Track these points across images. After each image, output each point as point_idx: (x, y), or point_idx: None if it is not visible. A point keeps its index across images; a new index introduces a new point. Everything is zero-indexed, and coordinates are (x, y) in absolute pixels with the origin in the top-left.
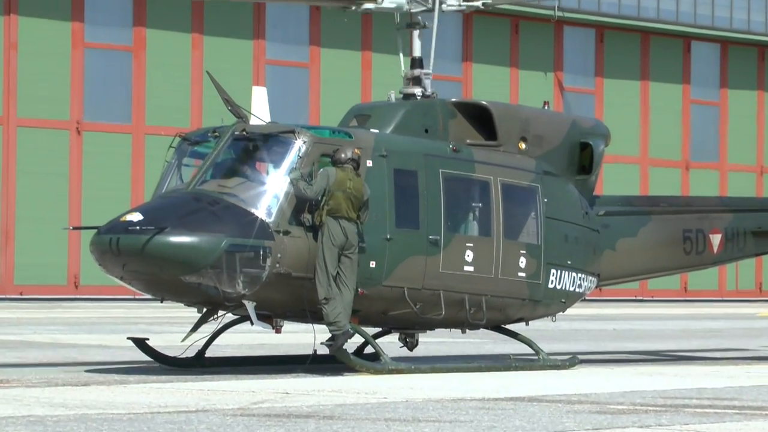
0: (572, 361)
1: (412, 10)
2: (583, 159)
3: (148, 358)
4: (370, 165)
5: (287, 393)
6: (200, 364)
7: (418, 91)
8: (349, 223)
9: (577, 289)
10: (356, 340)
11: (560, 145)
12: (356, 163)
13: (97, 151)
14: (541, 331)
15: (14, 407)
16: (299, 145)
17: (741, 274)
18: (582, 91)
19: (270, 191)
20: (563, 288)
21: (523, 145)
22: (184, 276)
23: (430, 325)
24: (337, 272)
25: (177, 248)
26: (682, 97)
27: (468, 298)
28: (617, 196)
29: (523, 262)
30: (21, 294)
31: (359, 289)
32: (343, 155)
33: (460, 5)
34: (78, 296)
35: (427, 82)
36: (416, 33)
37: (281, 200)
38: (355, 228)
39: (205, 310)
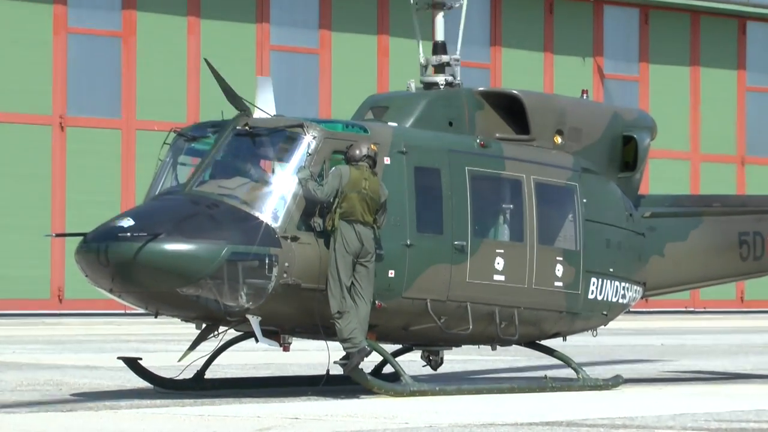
0: (616, 380)
1: None
2: (626, 154)
3: (141, 380)
4: (388, 162)
5: (297, 418)
6: (199, 387)
7: (441, 79)
8: (365, 227)
9: (620, 300)
10: (374, 358)
11: (600, 139)
12: (372, 160)
13: (82, 149)
14: (580, 347)
15: None
16: (308, 141)
17: None
18: (624, 79)
19: (276, 192)
20: (605, 299)
21: (558, 140)
22: (180, 288)
23: (456, 342)
24: (352, 283)
25: (173, 257)
26: (737, 85)
27: (498, 311)
28: (665, 195)
29: (559, 270)
30: None
31: (377, 302)
32: (357, 152)
33: None
34: (62, 311)
35: (457, 69)
36: (439, 14)
37: (289, 202)
38: (372, 233)
39: (204, 326)
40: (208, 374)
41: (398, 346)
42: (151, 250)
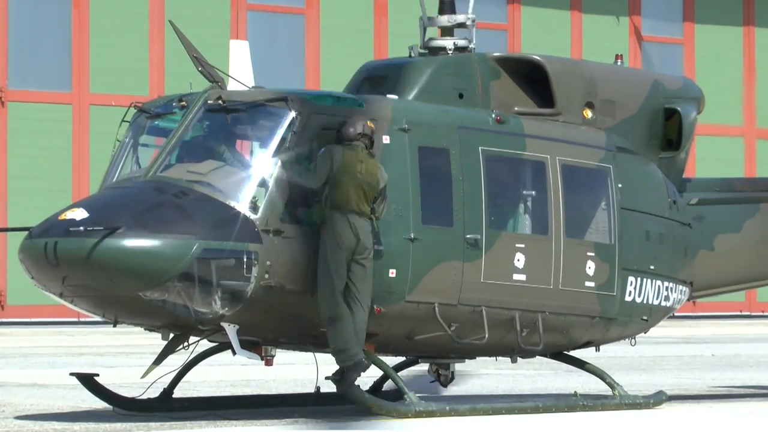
0: (658, 397)
1: None
2: (668, 130)
3: (98, 400)
4: (387, 142)
5: None
6: (167, 407)
7: (449, 43)
8: (361, 218)
9: (662, 303)
10: (372, 373)
11: (638, 113)
12: (369, 139)
13: (26, 127)
14: (616, 358)
15: None
16: (293, 117)
17: None
18: (666, 41)
19: (255, 178)
20: (645, 301)
21: (588, 114)
22: (143, 291)
23: (469, 353)
24: (346, 285)
25: (133, 255)
26: None
27: (519, 317)
28: (715, 178)
29: (591, 267)
30: None
31: (375, 307)
32: (351, 129)
33: None
34: (4, 319)
35: (473, 31)
36: None
37: (270, 190)
38: (369, 225)
39: (171, 336)
40: (177, 393)
41: (401, 359)
42: (108, 247)
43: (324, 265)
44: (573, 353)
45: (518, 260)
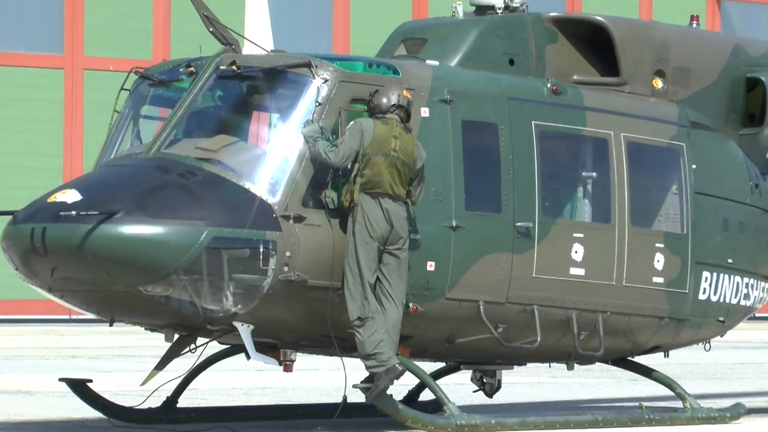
0: (735, 410)
1: None
2: (750, 103)
3: (91, 410)
4: (426, 115)
5: None
6: (170, 419)
7: (499, 1)
8: (395, 203)
9: (742, 302)
10: (407, 380)
11: (716, 83)
12: (405, 111)
13: (10, 95)
14: (688, 365)
15: None
16: (318, 86)
17: None
18: (749, 1)
19: (274, 156)
20: (721, 299)
21: (659, 83)
22: (143, 286)
23: (518, 358)
24: (377, 279)
25: (133, 244)
26: None
27: (576, 317)
28: None
29: (659, 261)
30: None
31: (411, 305)
32: (384, 100)
33: None
34: None
35: None
36: None
37: (291, 169)
38: (405, 211)
39: (177, 337)
40: (182, 402)
41: (441, 365)
42: (104, 234)
43: (352, 256)
44: (638, 359)
45: (576, 252)
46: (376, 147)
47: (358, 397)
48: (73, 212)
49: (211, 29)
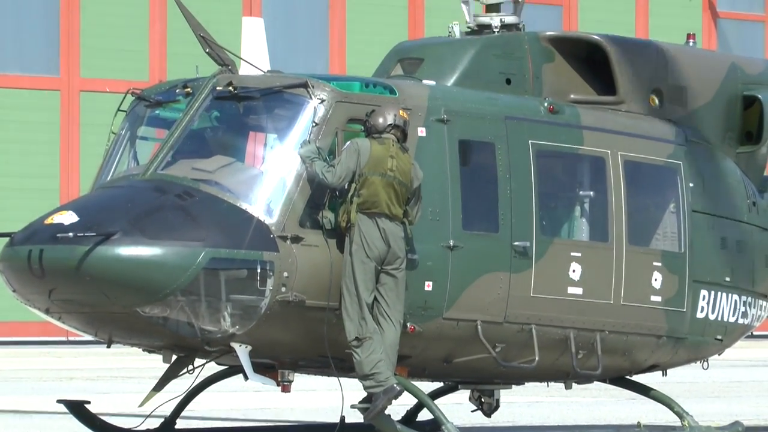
0: (734, 428)
1: None
2: (748, 121)
3: (89, 431)
4: (423, 134)
5: None
6: None
7: (495, 20)
8: (392, 223)
9: (740, 320)
10: (405, 400)
11: (713, 101)
12: (401, 131)
13: (6, 117)
14: (686, 384)
15: None
16: (314, 106)
17: None
18: (745, 18)
19: (271, 177)
20: (720, 318)
21: (656, 102)
22: (141, 307)
23: (516, 378)
24: (375, 299)
25: (130, 265)
26: None
27: (574, 336)
28: None
29: (657, 279)
30: None
31: (408, 325)
32: (380, 120)
33: None
34: None
35: (522, 7)
36: None
37: (288, 190)
38: (402, 230)
39: (174, 358)
40: (180, 423)
41: (439, 385)
42: (102, 256)
43: (350, 276)
44: (636, 378)
45: (573, 271)
46: (373, 167)
47: (356, 417)
48: (71, 234)
49: (207, 50)
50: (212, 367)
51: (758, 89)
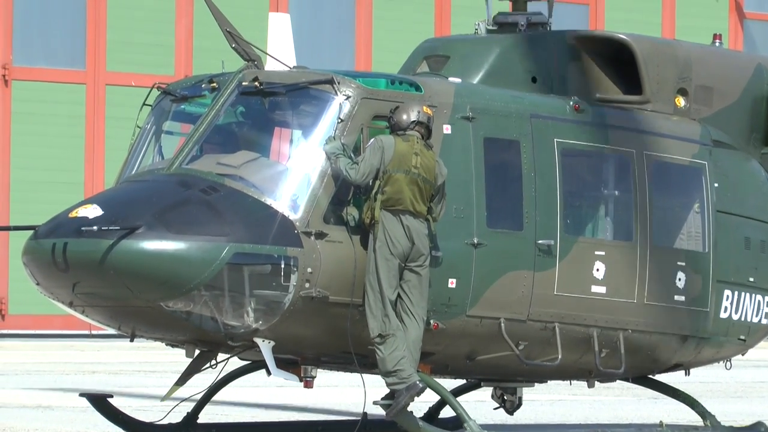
0: (756, 429)
1: None
2: None
3: (111, 425)
4: (448, 132)
5: None
6: None
7: (521, 18)
8: (416, 220)
9: (763, 320)
10: (428, 397)
11: (739, 102)
12: (426, 128)
13: (33, 110)
14: (709, 384)
15: None
16: (340, 102)
17: None
18: None
19: (295, 172)
20: (743, 318)
21: (681, 102)
22: (165, 301)
23: (539, 376)
24: (398, 296)
25: (154, 259)
26: None
27: (597, 335)
28: None
29: (681, 279)
30: None
31: (432, 322)
32: (405, 116)
33: None
34: (5, 331)
35: (550, 6)
36: None
37: (313, 186)
38: (426, 228)
39: (197, 352)
40: (203, 417)
41: (461, 382)
42: (126, 249)
43: (373, 273)
44: (659, 377)
45: (597, 270)
46: (397, 164)
47: (378, 413)
48: (95, 227)
49: (233, 45)
50: (235, 362)
51: None
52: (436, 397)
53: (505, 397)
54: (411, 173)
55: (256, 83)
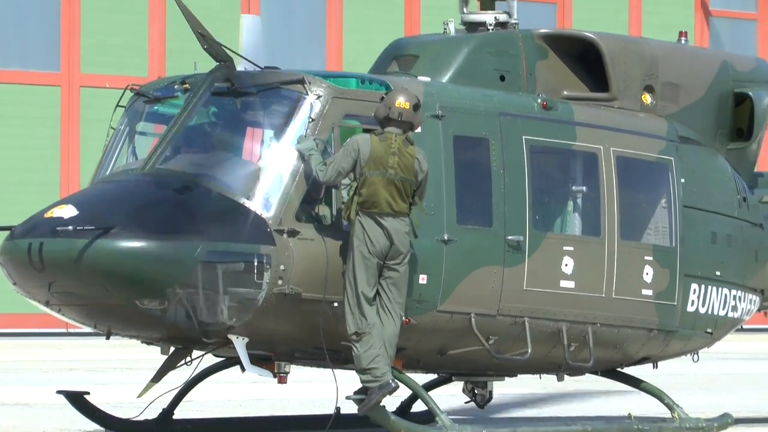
0: (723, 420)
1: None
2: (738, 118)
3: (88, 422)
4: (419, 130)
5: None
6: (166, 430)
7: (490, 18)
8: (396, 219)
9: (730, 313)
10: (400, 392)
11: (704, 98)
12: (408, 124)
13: (7, 112)
14: (676, 376)
15: None
16: (311, 102)
17: None
18: (737, 16)
19: (268, 171)
20: (709, 311)
21: (648, 99)
22: (140, 299)
23: (509, 370)
24: (377, 293)
25: (129, 258)
26: None
27: (566, 329)
28: None
29: (649, 273)
30: None
31: (404, 317)
32: (383, 111)
33: None
34: None
35: (513, 3)
36: None
37: (285, 185)
38: (406, 225)
39: (172, 350)
40: (178, 413)
41: (433, 376)
42: (101, 249)
43: (351, 271)
44: (627, 370)
45: (566, 265)
46: (373, 165)
47: (351, 408)
48: (70, 227)
49: (205, 47)
50: (210, 359)
51: (749, 86)
52: (408, 392)
53: (476, 391)
54: (387, 174)
55: (228, 84)
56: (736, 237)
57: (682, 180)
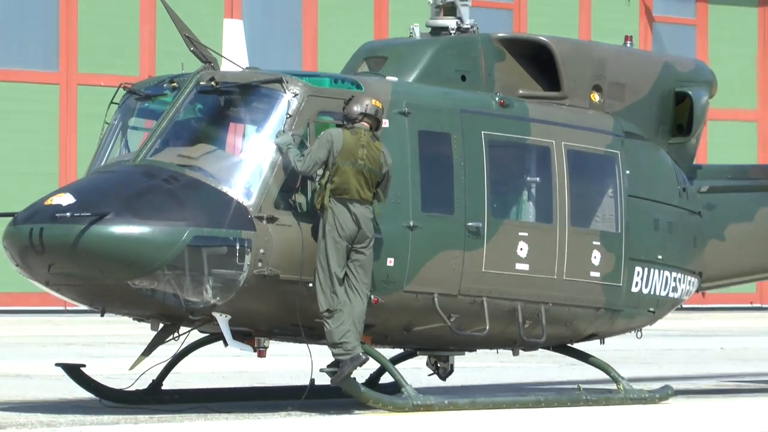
0: (664, 392)
1: None
2: (679, 115)
3: (84, 392)
4: (386, 125)
5: None
6: (156, 400)
7: (452, 23)
8: (362, 206)
9: (670, 294)
10: (369, 365)
11: (648, 97)
12: (375, 120)
13: (10, 108)
14: (621, 351)
15: None
16: (288, 99)
17: None
18: (678, 22)
19: (249, 163)
20: (652, 292)
21: (596, 97)
22: (132, 280)
23: (469, 345)
24: (345, 274)
25: (122, 242)
26: None
27: (521, 308)
28: (727, 165)
29: (596, 257)
30: None
31: (372, 297)
32: (355, 108)
33: None
34: None
35: (465, 10)
36: None
37: (265, 175)
38: (371, 212)
39: (161, 326)
40: (167, 384)
41: (399, 351)
42: (96, 233)
43: (323, 253)
44: (577, 346)
45: (521, 249)
46: (345, 156)
47: (325, 380)
48: (68, 214)
49: (192, 48)
50: (195, 335)
51: (689, 86)
52: (376, 365)
53: (439, 365)
54: (357, 164)
55: (213, 83)
56: (676, 224)
57: (627, 172)
